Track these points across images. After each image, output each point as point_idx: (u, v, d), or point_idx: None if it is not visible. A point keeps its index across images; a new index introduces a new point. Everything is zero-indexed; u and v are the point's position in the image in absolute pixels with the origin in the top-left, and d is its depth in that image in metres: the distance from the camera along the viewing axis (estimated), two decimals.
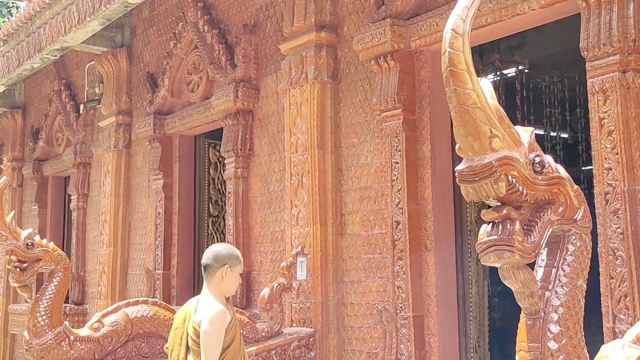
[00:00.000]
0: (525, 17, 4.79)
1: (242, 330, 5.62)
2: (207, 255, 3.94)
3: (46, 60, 9.63)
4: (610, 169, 4.06)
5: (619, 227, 3.99)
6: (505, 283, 2.01)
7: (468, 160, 1.94)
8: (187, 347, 3.83)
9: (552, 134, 9.46)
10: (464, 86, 1.89)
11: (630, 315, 3.89)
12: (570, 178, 2.08)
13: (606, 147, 4.09)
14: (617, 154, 4.04)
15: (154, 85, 8.67)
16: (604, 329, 4.02)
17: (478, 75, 2.00)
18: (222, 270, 3.89)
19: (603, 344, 2.82)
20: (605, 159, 4.09)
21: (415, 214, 5.43)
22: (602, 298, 4.03)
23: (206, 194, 8.51)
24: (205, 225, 8.46)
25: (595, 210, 4.01)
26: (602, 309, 4.03)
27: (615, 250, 4.00)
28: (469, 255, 5.67)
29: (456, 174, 1.97)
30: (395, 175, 5.49)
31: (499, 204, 1.97)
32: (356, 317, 5.82)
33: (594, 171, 4.17)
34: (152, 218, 8.56)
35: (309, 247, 6.00)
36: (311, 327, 5.88)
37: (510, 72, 8.12)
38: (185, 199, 8.42)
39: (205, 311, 3.78)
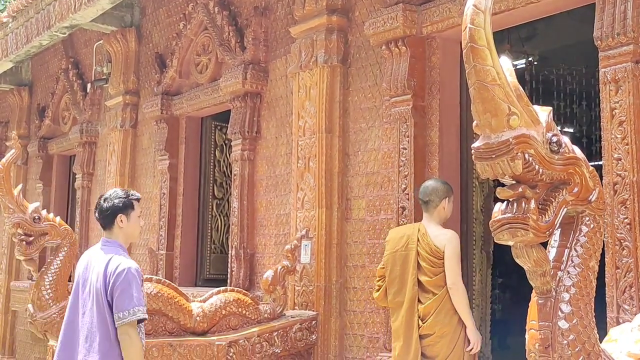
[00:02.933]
0: (538, 5, 4.77)
1: (244, 311, 5.67)
2: (427, 192, 4.72)
3: (55, 37, 9.60)
4: (620, 160, 4.05)
5: (626, 218, 3.99)
6: (518, 262, 2.01)
7: (485, 137, 1.94)
8: (418, 267, 4.55)
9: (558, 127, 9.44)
10: (483, 62, 1.89)
11: (635, 306, 3.89)
12: (586, 159, 2.08)
13: (616, 138, 4.08)
14: (627, 144, 4.03)
15: (162, 65, 8.66)
16: (607, 318, 4.02)
17: None
18: (444, 202, 4.72)
19: (606, 332, 2.83)
20: (615, 149, 4.08)
21: None
22: (606, 288, 4.03)
23: (211, 176, 8.51)
24: (210, 207, 8.47)
25: None
26: (607, 299, 4.03)
27: (622, 241, 4.01)
28: (474, 243, 5.67)
29: (472, 151, 1.97)
30: (403, 161, 5.48)
31: (514, 182, 1.97)
32: (359, 302, 5.83)
33: (603, 161, 4.16)
34: (156, 198, 8.57)
35: (314, 231, 6.01)
36: (313, 311, 5.90)
37: (520, 63, 8.11)
38: (191, 181, 8.43)
39: (446, 236, 4.57)
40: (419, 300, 4.55)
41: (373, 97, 5.91)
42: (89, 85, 10.22)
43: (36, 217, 5.19)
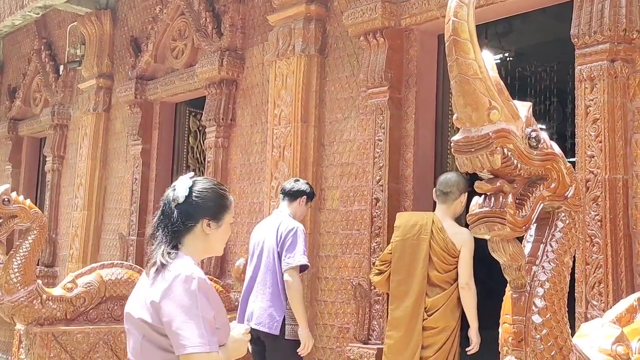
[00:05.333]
0: (517, 0, 4.79)
1: None
2: (449, 184, 4.63)
3: (28, 17, 9.48)
4: (593, 157, 4.09)
5: (597, 215, 4.03)
6: (494, 256, 2.02)
7: (465, 130, 1.94)
8: (429, 260, 4.52)
9: None
10: (466, 56, 1.88)
11: (603, 302, 3.94)
12: (564, 155, 2.09)
13: (590, 135, 4.12)
14: (600, 142, 4.07)
15: (137, 49, 8.57)
16: (576, 314, 4.07)
17: None
18: (462, 196, 4.62)
19: (574, 327, 2.85)
20: (589, 146, 4.12)
21: (395, 192, 5.45)
22: (576, 284, 4.07)
23: (184, 162, 8.46)
24: None
25: None
26: (576, 294, 4.07)
27: (592, 237, 4.05)
28: None
29: (452, 144, 1.97)
30: (378, 152, 5.49)
31: (492, 176, 1.97)
32: (330, 292, 5.84)
33: (576, 158, 4.20)
34: (128, 183, 8.50)
35: None
36: None
37: (496, 58, 8.16)
38: (163, 166, 8.36)
39: (463, 236, 4.49)
40: (425, 293, 4.55)
41: (350, 87, 5.90)
42: (61, 67, 10.09)
43: (5, 200, 5.11)
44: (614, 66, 4.11)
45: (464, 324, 4.61)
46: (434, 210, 4.86)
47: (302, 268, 4.80)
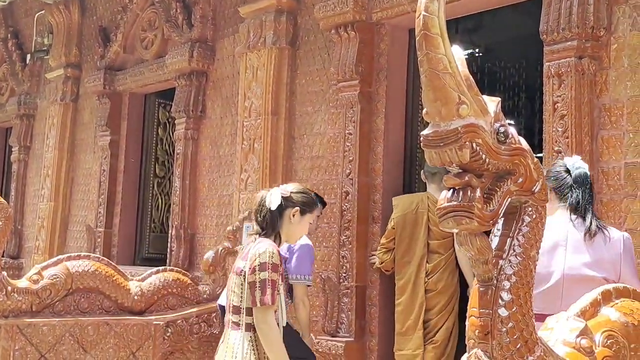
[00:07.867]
0: None
1: (183, 291, 5.62)
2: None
3: None
4: (560, 152, 4.14)
5: None
6: (462, 249, 2.03)
7: (434, 125, 1.94)
8: (428, 230, 4.87)
9: None
10: (436, 51, 1.88)
11: None
12: (531, 150, 2.11)
13: (557, 131, 4.17)
14: (567, 137, 4.12)
15: (106, 39, 8.48)
16: None
17: None
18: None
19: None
20: (556, 142, 4.17)
21: (365, 186, 5.47)
22: None
23: (153, 154, 8.40)
24: (151, 185, 8.36)
25: None
26: None
27: None
28: None
29: (421, 138, 1.98)
30: (348, 146, 5.50)
31: (460, 170, 1.98)
32: None
33: (543, 154, 4.25)
34: (96, 175, 8.42)
35: None
36: None
37: (466, 54, 8.19)
38: (132, 158, 8.29)
39: None
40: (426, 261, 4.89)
41: (320, 81, 5.90)
42: (28, 56, 9.97)
43: None
44: (582, 63, 4.16)
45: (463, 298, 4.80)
46: None
47: None
